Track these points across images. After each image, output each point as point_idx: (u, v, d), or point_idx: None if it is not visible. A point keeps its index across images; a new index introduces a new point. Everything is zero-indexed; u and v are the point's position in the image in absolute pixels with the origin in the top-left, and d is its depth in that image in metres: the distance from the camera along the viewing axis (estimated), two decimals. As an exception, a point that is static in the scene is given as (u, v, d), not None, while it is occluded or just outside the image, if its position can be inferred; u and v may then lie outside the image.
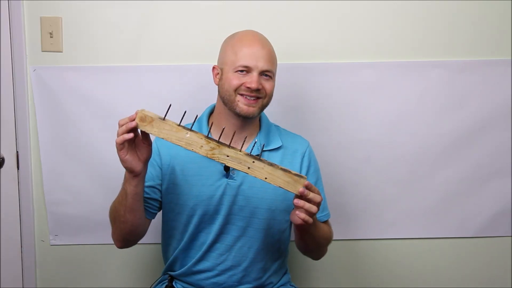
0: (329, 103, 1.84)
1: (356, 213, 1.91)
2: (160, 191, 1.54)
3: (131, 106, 1.81)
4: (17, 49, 1.81)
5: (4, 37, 1.79)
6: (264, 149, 1.52)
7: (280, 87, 1.82)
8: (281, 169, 1.27)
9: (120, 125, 1.32)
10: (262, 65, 1.46)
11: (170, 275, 1.60)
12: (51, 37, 1.81)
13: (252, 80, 1.44)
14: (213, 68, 1.55)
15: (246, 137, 1.44)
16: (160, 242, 1.65)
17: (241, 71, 1.45)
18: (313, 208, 1.27)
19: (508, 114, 1.86)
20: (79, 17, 1.80)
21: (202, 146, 1.30)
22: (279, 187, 1.28)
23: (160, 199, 1.55)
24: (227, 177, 1.49)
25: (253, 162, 1.28)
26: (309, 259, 1.87)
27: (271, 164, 1.28)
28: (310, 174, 1.56)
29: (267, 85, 1.47)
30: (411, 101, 1.85)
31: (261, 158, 1.28)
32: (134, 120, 1.31)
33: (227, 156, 1.29)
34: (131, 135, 1.31)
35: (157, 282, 1.66)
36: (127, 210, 1.45)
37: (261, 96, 1.47)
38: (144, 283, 1.90)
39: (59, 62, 1.82)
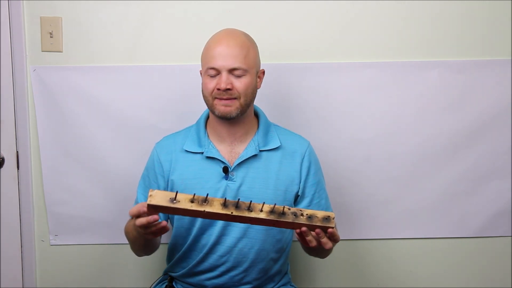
0: (329, 103, 1.84)
1: (356, 213, 1.91)
2: None
3: (131, 106, 1.83)
4: (17, 49, 1.81)
5: (4, 37, 1.79)
6: (262, 149, 1.52)
7: (280, 87, 1.83)
8: (307, 216, 1.26)
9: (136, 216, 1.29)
10: (228, 63, 1.43)
11: (170, 276, 1.60)
12: (51, 37, 1.81)
13: (220, 81, 1.43)
14: (200, 73, 1.55)
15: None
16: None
17: (212, 74, 1.45)
18: (313, 243, 1.28)
19: (508, 114, 1.86)
20: (79, 17, 1.80)
21: (221, 217, 1.26)
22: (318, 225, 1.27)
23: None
24: (226, 179, 1.49)
25: (277, 221, 1.25)
26: (309, 260, 1.88)
27: (295, 214, 1.26)
28: (310, 175, 1.56)
29: (238, 83, 1.45)
30: (411, 101, 1.85)
31: (284, 211, 1.25)
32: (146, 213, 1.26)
33: (250, 220, 1.26)
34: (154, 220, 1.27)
35: (157, 282, 1.66)
36: (147, 246, 1.51)
37: (235, 97, 1.45)
38: (144, 283, 1.90)
39: (59, 62, 1.82)
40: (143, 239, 1.41)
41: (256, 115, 1.58)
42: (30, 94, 1.83)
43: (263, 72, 1.55)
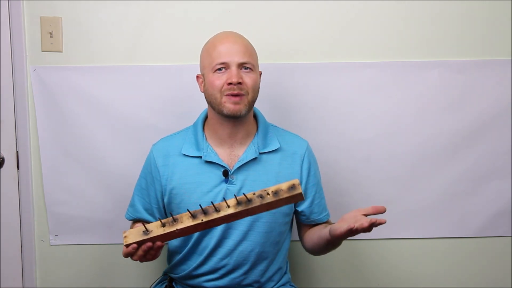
0: (329, 103, 1.84)
1: (356, 213, 1.90)
2: (163, 209, 1.56)
3: (131, 106, 1.83)
4: (17, 49, 1.81)
5: (4, 37, 1.79)
6: (261, 151, 1.52)
7: (280, 87, 1.83)
8: (273, 193, 1.26)
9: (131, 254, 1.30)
10: (238, 58, 1.44)
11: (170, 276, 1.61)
12: (51, 37, 1.81)
13: (231, 75, 1.43)
14: (197, 77, 1.55)
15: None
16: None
17: (219, 69, 1.44)
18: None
19: (508, 114, 1.85)
20: (79, 17, 1.80)
21: (196, 228, 1.27)
22: (288, 204, 1.27)
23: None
24: (226, 182, 1.49)
25: (247, 210, 1.25)
26: (309, 260, 1.87)
27: (261, 196, 1.26)
28: (311, 176, 1.56)
29: (247, 78, 1.45)
30: (411, 101, 1.85)
31: (249, 198, 1.25)
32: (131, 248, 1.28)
33: (223, 219, 1.26)
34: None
35: (157, 282, 1.66)
36: None
37: (244, 93, 1.45)
38: (144, 283, 1.90)
39: (59, 62, 1.82)
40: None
41: (255, 116, 1.58)
42: (30, 94, 1.83)
43: (260, 74, 1.56)
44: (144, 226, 1.27)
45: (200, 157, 1.50)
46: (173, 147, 1.55)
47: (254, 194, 1.26)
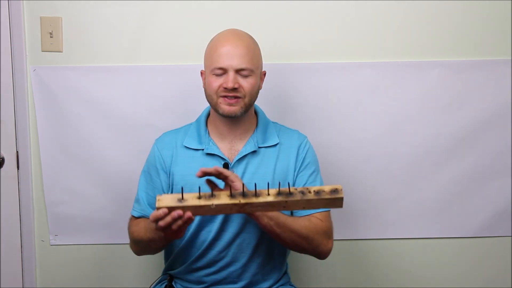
0: (329, 103, 1.84)
1: (356, 213, 1.91)
2: None
3: (131, 106, 1.83)
4: (17, 49, 1.81)
5: (4, 37, 1.79)
6: (260, 146, 1.53)
7: (281, 87, 1.83)
8: (315, 192, 1.24)
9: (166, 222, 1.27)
10: (236, 63, 1.44)
11: (170, 275, 1.61)
12: (51, 37, 1.81)
13: (227, 80, 1.44)
14: (201, 73, 1.56)
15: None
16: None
17: (218, 73, 1.45)
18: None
19: (508, 114, 1.86)
20: (79, 17, 1.80)
21: (231, 208, 1.25)
22: (326, 207, 1.28)
23: None
24: None
25: (286, 202, 1.24)
26: (309, 260, 1.88)
27: (302, 192, 1.24)
28: (305, 165, 1.56)
29: (244, 83, 1.46)
30: (411, 101, 1.85)
31: (291, 191, 1.24)
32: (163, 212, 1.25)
33: (260, 205, 1.25)
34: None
35: (157, 282, 1.66)
36: (163, 246, 1.50)
37: (240, 96, 1.46)
38: (144, 283, 1.90)
39: (59, 62, 1.82)
40: (162, 241, 1.42)
41: (255, 113, 1.59)
42: (30, 94, 1.83)
43: (264, 74, 1.56)
44: (182, 194, 1.24)
45: (202, 149, 1.52)
46: (176, 140, 1.57)
47: (296, 189, 1.25)
